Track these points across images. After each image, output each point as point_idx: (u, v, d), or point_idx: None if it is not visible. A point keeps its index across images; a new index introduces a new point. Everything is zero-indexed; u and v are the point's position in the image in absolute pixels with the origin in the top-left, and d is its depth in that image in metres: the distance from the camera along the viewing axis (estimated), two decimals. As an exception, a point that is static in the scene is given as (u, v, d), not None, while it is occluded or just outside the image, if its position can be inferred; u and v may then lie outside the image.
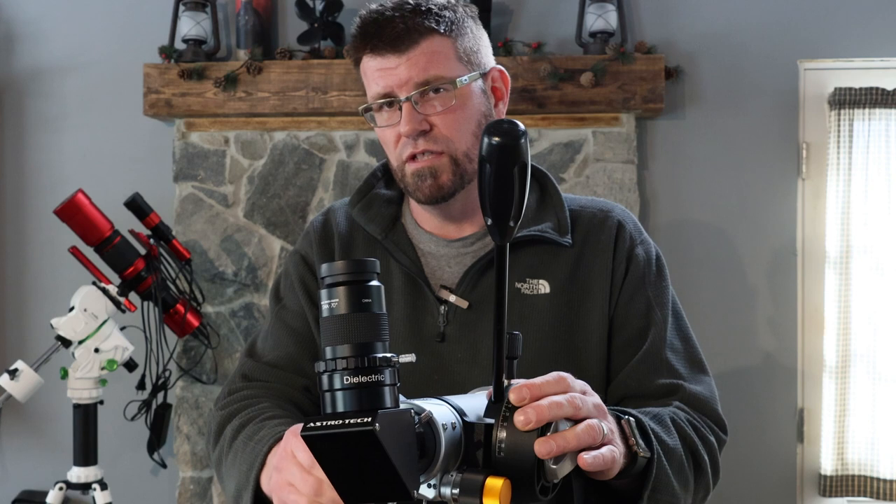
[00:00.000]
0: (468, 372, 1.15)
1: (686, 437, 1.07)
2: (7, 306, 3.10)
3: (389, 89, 1.14)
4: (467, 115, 1.16)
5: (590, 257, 1.20)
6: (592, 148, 2.84)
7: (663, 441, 1.02)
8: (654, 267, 1.23)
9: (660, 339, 1.18)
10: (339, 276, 0.74)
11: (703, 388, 1.17)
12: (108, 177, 2.99)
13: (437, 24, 1.13)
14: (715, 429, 1.15)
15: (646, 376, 1.16)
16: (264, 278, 2.91)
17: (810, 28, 2.90)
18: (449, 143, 1.15)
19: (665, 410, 1.09)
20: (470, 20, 1.19)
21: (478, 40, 1.20)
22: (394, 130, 1.16)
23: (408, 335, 1.18)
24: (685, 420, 1.10)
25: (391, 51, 1.13)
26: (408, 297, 1.20)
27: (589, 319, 1.17)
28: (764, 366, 2.91)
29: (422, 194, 1.17)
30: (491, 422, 0.80)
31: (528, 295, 1.17)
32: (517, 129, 0.75)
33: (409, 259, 1.22)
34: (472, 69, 1.17)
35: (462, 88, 1.15)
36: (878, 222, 2.81)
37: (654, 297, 1.20)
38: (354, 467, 0.71)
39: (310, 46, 2.87)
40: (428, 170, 1.15)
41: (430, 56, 1.13)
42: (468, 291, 1.18)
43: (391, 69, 1.13)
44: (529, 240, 1.19)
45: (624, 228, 1.23)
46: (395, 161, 1.19)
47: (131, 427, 2.81)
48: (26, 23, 3.08)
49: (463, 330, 1.17)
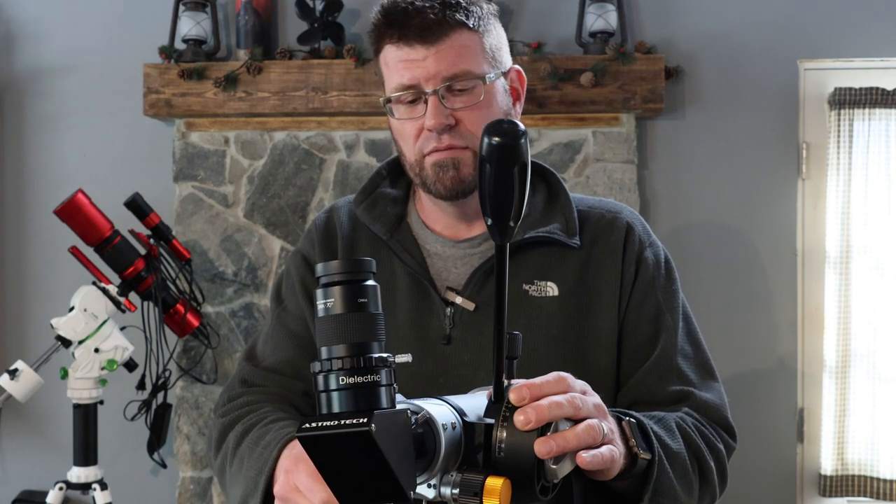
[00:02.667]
0: (474, 375, 1.13)
1: (691, 443, 1.06)
2: (7, 306, 3.10)
3: (415, 81, 1.11)
4: (492, 113, 1.14)
5: (598, 260, 1.18)
6: (592, 148, 2.84)
7: (666, 444, 1.01)
8: (664, 270, 1.21)
9: (671, 345, 1.16)
10: (334, 275, 0.74)
11: (714, 395, 1.17)
12: (108, 177, 2.99)
13: (466, 18, 1.11)
14: (724, 436, 1.14)
15: (656, 383, 1.14)
16: (264, 278, 2.91)
17: (810, 28, 2.90)
18: (473, 139, 1.12)
19: (671, 415, 1.07)
20: (493, 17, 1.17)
21: (500, 39, 1.18)
22: (415, 124, 1.13)
23: (413, 338, 1.16)
24: (692, 426, 1.09)
25: (420, 41, 1.10)
26: (413, 299, 1.18)
27: (598, 323, 1.15)
28: (764, 366, 2.91)
29: (442, 186, 1.14)
30: (491, 422, 0.80)
31: (535, 297, 1.15)
32: (517, 129, 0.75)
33: (415, 260, 1.20)
34: (497, 66, 1.15)
35: (489, 86, 1.13)
36: (878, 222, 2.81)
37: (664, 302, 1.18)
38: (350, 468, 0.71)
39: (310, 46, 2.87)
40: (451, 160, 1.13)
41: (459, 50, 1.11)
42: (475, 293, 1.16)
43: (418, 61, 1.10)
44: (537, 241, 1.17)
45: (633, 231, 1.21)
46: (412, 155, 1.16)
47: (131, 427, 2.81)
48: (26, 23, 3.08)
49: (469, 332, 1.15)
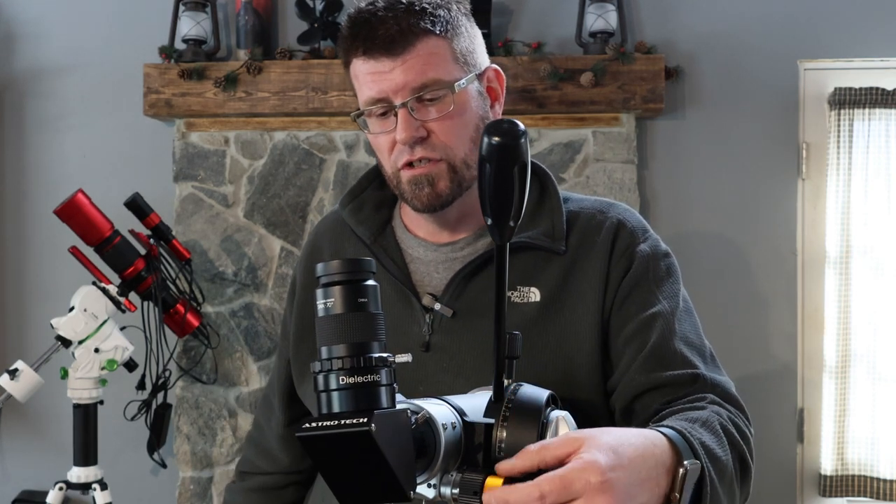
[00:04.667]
0: (452, 382, 1.10)
1: (736, 444, 0.97)
2: (7, 306, 3.10)
3: (384, 94, 1.08)
4: (465, 121, 1.11)
5: (583, 262, 1.13)
6: (592, 148, 2.84)
7: (716, 457, 0.90)
8: (662, 263, 1.16)
9: (669, 329, 1.09)
10: (334, 275, 0.74)
11: (724, 379, 1.09)
12: (108, 177, 2.99)
13: (432, 25, 1.07)
14: (746, 422, 1.05)
15: (656, 370, 1.07)
16: (264, 278, 2.91)
17: (810, 28, 2.90)
18: (447, 149, 1.10)
19: (712, 415, 0.98)
20: (464, 18, 1.13)
21: (472, 39, 1.14)
22: (388, 137, 1.11)
23: (393, 345, 1.13)
24: (728, 419, 1.00)
25: (385, 54, 1.07)
26: (394, 305, 1.16)
27: (580, 326, 1.11)
28: (764, 366, 2.91)
29: (419, 202, 1.12)
30: (491, 422, 0.80)
31: (517, 303, 1.11)
32: (517, 129, 0.75)
33: (397, 266, 1.18)
34: (469, 70, 1.11)
35: (460, 93, 1.09)
36: (878, 222, 2.81)
37: (659, 291, 1.12)
38: (351, 468, 0.71)
39: (310, 46, 2.87)
40: (425, 177, 1.10)
41: (426, 59, 1.07)
42: (454, 299, 1.13)
43: (385, 73, 1.07)
44: (521, 246, 1.13)
45: (624, 227, 1.16)
46: (389, 168, 1.14)
47: (131, 427, 2.80)
48: (26, 23, 3.08)
49: (447, 339, 1.13)
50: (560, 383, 1.02)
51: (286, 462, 1.37)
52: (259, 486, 1.39)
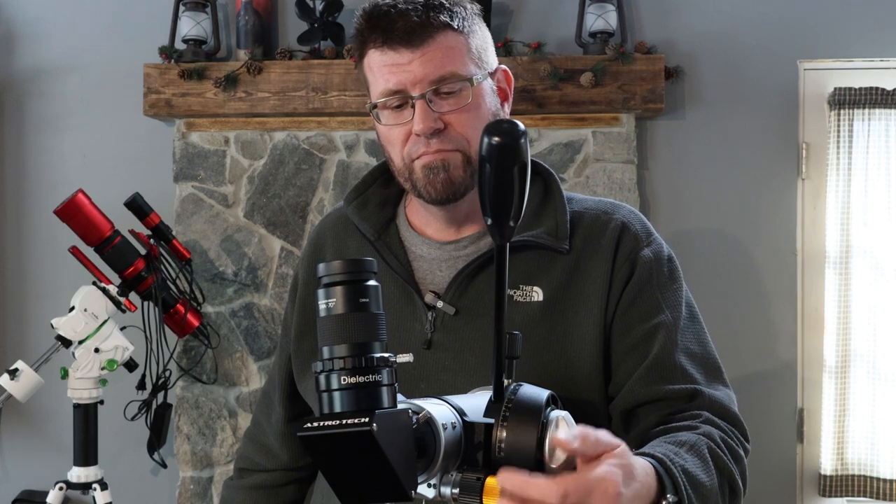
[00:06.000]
0: (454, 380, 1.10)
1: (724, 468, 0.99)
2: (7, 306, 3.10)
3: (401, 86, 1.09)
4: (481, 115, 1.12)
5: (587, 262, 1.14)
6: (592, 148, 2.84)
7: (700, 484, 0.92)
8: (666, 269, 1.16)
9: (670, 342, 1.10)
10: (336, 275, 0.74)
11: (723, 395, 1.10)
12: (108, 177, 2.99)
13: (451, 20, 1.09)
14: (742, 440, 1.07)
15: (656, 383, 1.08)
16: (264, 278, 2.91)
17: (810, 28, 2.90)
18: (462, 142, 1.11)
19: (700, 439, 0.99)
20: (477, 18, 1.16)
21: (485, 39, 1.16)
22: (402, 129, 1.11)
23: (395, 342, 1.14)
24: (719, 439, 1.02)
25: (404, 45, 1.08)
26: (397, 302, 1.17)
27: (583, 328, 1.11)
28: (764, 366, 2.91)
29: (433, 189, 1.12)
30: (491, 422, 0.80)
31: (520, 302, 1.12)
32: (517, 129, 0.75)
33: (400, 263, 1.18)
34: (483, 67, 1.13)
35: (477, 87, 1.11)
36: (877, 222, 2.81)
37: (663, 299, 1.13)
38: (352, 468, 0.71)
39: (310, 46, 2.87)
40: (441, 163, 1.10)
41: (445, 52, 1.09)
42: (456, 297, 1.14)
43: (403, 65, 1.08)
44: (524, 245, 1.13)
45: (628, 230, 1.16)
46: (400, 161, 1.14)
47: (131, 427, 2.80)
48: (26, 23, 3.08)
49: (449, 337, 1.13)
50: (561, 383, 1.03)
51: (285, 459, 1.36)
52: (259, 483, 1.39)
